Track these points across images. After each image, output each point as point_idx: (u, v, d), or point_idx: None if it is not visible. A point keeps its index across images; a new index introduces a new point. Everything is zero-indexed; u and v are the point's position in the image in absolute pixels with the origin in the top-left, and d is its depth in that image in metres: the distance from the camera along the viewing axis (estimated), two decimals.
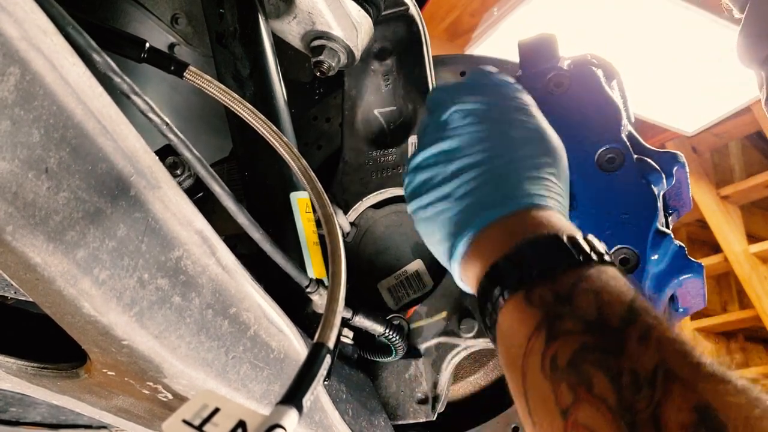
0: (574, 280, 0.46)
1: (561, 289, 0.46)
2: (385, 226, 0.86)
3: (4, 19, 0.33)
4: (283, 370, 0.58)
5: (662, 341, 0.41)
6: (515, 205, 0.54)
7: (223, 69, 0.75)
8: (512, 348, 0.48)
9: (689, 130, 2.93)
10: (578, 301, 0.45)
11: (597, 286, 0.45)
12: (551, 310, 0.45)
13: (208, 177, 0.48)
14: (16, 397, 0.73)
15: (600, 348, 0.42)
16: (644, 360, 0.40)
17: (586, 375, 0.41)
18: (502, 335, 0.50)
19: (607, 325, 0.43)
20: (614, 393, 0.40)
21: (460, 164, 0.58)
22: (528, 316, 0.46)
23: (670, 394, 0.38)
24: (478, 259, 0.54)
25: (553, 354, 0.43)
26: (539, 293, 0.47)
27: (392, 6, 0.83)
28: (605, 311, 0.44)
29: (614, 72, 0.80)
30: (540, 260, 0.48)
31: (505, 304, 0.49)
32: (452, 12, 2.70)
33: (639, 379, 0.39)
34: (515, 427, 0.78)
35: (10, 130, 0.34)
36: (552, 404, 0.42)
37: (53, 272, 0.39)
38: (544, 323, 0.45)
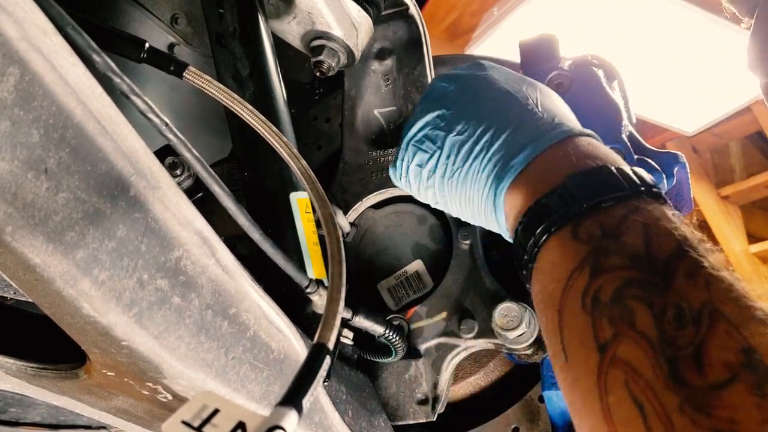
0: (624, 213, 0.44)
1: (609, 223, 0.44)
2: (385, 226, 0.86)
3: (4, 19, 0.33)
4: (282, 371, 0.57)
5: (711, 279, 0.40)
6: (553, 137, 0.52)
7: (223, 69, 0.75)
8: (551, 283, 0.46)
9: (689, 130, 2.93)
10: (626, 235, 0.43)
11: (647, 219, 0.44)
12: (598, 245, 0.44)
13: (207, 177, 0.48)
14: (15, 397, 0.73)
15: (645, 282, 0.41)
16: (691, 296, 0.39)
17: (628, 310, 0.40)
18: (542, 272, 0.48)
19: (654, 259, 0.41)
20: (656, 328, 0.38)
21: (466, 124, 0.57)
22: (573, 251, 0.45)
23: (715, 333, 0.37)
24: (521, 200, 0.52)
25: (597, 288, 0.42)
26: (587, 227, 0.45)
27: (392, 6, 0.83)
28: (654, 245, 0.42)
29: (615, 72, 0.80)
30: (588, 193, 0.46)
31: (548, 239, 0.47)
32: (452, 12, 2.70)
33: (684, 315, 0.38)
34: (515, 428, 0.78)
35: (9, 130, 0.34)
36: (590, 339, 0.41)
37: (53, 273, 0.39)
38: (589, 258, 0.44)
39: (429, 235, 0.84)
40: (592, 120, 0.73)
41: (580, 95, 0.75)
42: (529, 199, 0.51)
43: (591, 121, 0.73)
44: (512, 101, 0.57)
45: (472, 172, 0.57)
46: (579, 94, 0.76)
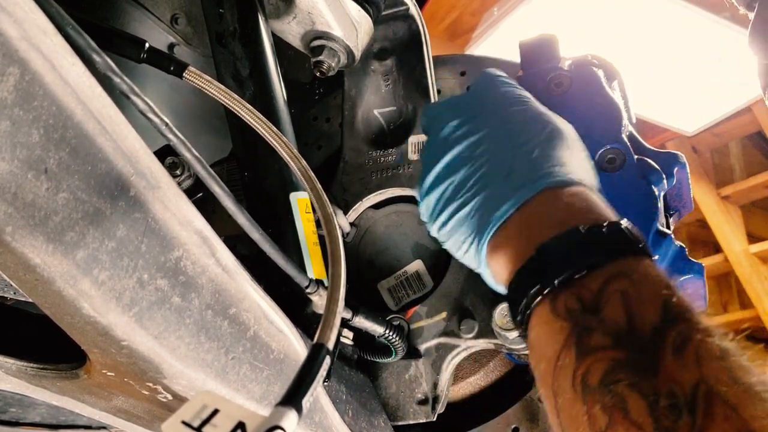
0: (600, 283, 0.43)
1: (586, 296, 0.43)
2: (385, 226, 0.86)
3: (4, 19, 0.33)
4: (282, 371, 0.57)
5: (701, 352, 0.38)
6: (526, 193, 0.51)
7: (223, 69, 0.75)
8: (542, 363, 0.45)
9: (689, 130, 2.94)
10: (606, 309, 0.42)
11: (626, 287, 0.42)
12: (579, 322, 0.42)
13: (207, 177, 0.48)
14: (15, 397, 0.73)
15: (633, 365, 0.39)
16: (682, 379, 0.37)
17: (620, 397, 0.38)
18: (532, 347, 0.47)
19: (638, 336, 0.40)
20: (651, 419, 0.37)
21: (465, 172, 0.57)
22: (555, 328, 0.44)
23: (713, 421, 0.35)
24: (503, 261, 0.52)
25: (584, 373, 0.41)
26: (564, 302, 0.44)
27: (392, 6, 0.83)
28: (636, 318, 0.41)
29: (615, 72, 0.80)
30: (559, 264, 0.45)
31: (531, 315, 0.47)
32: (452, 12, 2.70)
33: (678, 402, 0.36)
34: (515, 428, 0.78)
35: (9, 130, 0.34)
36: (585, 426, 0.40)
37: (53, 273, 0.39)
38: (572, 337, 0.42)
39: (429, 235, 0.84)
40: (592, 120, 0.73)
41: (580, 95, 0.75)
42: (508, 266, 0.50)
43: (591, 121, 0.73)
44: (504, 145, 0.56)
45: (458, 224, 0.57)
46: (579, 94, 0.75)
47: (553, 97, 0.75)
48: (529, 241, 0.48)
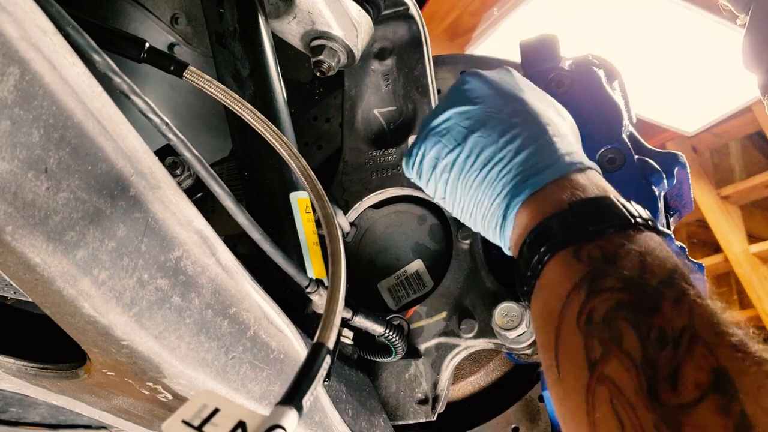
0: (623, 241, 0.47)
1: (609, 248, 0.47)
2: (385, 226, 0.86)
3: (4, 18, 0.33)
4: (282, 371, 0.57)
5: (694, 306, 0.42)
6: (567, 167, 0.55)
7: (223, 69, 0.75)
8: (551, 300, 0.49)
9: (689, 130, 2.94)
10: (623, 261, 0.46)
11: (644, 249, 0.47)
12: (596, 267, 0.46)
13: (207, 177, 0.48)
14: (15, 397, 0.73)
15: (635, 305, 0.43)
16: (674, 320, 0.41)
17: (617, 330, 0.43)
18: (543, 288, 0.50)
19: (646, 284, 0.44)
20: (640, 348, 0.41)
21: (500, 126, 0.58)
22: (574, 270, 0.48)
23: (692, 355, 0.40)
24: (529, 217, 0.54)
25: (591, 309, 0.45)
26: (588, 250, 0.48)
27: (392, 6, 0.83)
28: (647, 272, 0.45)
29: (616, 72, 0.80)
30: (592, 219, 0.49)
31: (552, 258, 0.50)
32: (452, 12, 2.70)
33: (666, 337, 0.41)
34: (515, 428, 0.78)
35: (9, 130, 0.34)
36: (581, 356, 0.44)
37: (53, 272, 0.39)
38: (587, 279, 0.46)
39: (429, 235, 0.84)
40: (593, 120, 0.73)
41: (580, 95, 0.75)
42: (536, 218, 0.53)
43: (591, 121, 0.73)
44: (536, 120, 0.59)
45: (488, 179, 0.58)
46: (579, 94, 0.75)
47: (554, 97, 0.76)
48: (564, 199, 0.52)
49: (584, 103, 0.74)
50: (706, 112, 2.79)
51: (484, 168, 0.58)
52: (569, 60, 0.79)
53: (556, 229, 0.51)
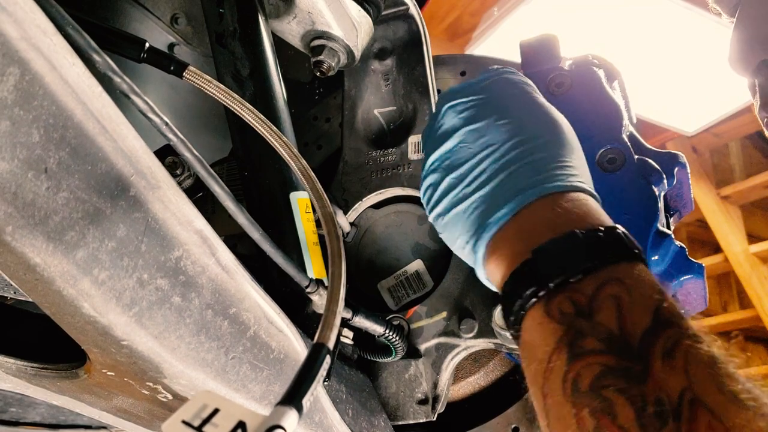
0: (595, 288, 0.44)
1: (580, 300, 0.44)
2: (385, 226, 0.86)
3: (4, 19, 0.33)
4: (283, 371, 0.57)
5: (689, 359, 0.39)
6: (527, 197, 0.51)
7: (223, 69, 0.75)
8: (533, 364, 0.46)
9: (689, 130, 2.94)
10: (599, 313, 0.42)
11: (619, 293, 0.43)
12: (572, 326, 0.43)
13: (207, 177, 0.48)
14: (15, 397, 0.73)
15: (622, 371, 0.40)
16: (670, 385, 0.38)
17: (608, 402, 0.39)
18: (524, 348, 0.48)
19: (629, 342, 0.41)
20: (638, 425, 0.38)
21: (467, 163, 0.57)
22: (548, 331, 0.44)
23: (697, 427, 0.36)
24: (499, 262, 0.52)
25: (575, 377, 0.42)
26: (558, 305, 0.44)
27: (392, 6, 0.83)
28: (627, 323, 0.41)
29: (615, 72, 0.80)
30: (555, 267, 0.46)
31: (525, 317, 0.47)
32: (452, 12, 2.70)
33: (664, 410, 0.37)
34: (515, 428, 0.78)
35: (9, 130, 0.34)
36: (573, 428, 0.41)
37: (53, 272, 0.39)
38: (564, 340, 0.43)
39: (429, 235, 0.84)
40: (593, 120, 0.73)
41: (580, 95, 0.75)
42: (503, 268, 0.51)
43: (591, 121, 0.73)
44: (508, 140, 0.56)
45: (455, 221, 0.57)
46: (579, 94, 0.75)
47: (554, 97, 0.76)
48: (526, 244, 0.49)
49: (584, 103, 0.74)
50: (706, 112, 2.79)
51: (450, 211, 0.57)
52: (569, 60, 0.79)
53: (519, 284, 0.48)
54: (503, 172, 0.54)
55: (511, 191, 0.53)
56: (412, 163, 0.84)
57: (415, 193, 0.83)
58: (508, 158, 0.54)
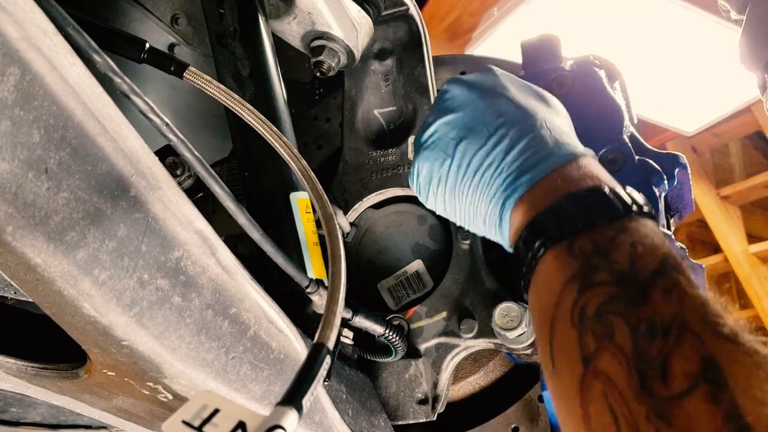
0: (614, 233, 0.47)
1: (600, 241, 0.47)
2: (385, 226, 0.86)
3: (4, 19, 0.33)
4: (283, 371, 0.57)
5: (684, 295, 0.43)
6: (557, 160, 0.55)
7: (223, 69, 0.75)
8: (545, 295, 0.49)
9: (689, 130, 2.94)
10: (615, 253, 0.46)
11: (634, 239, 0.47)
12: (588, 261, 0.47)
13: (208, 177, 0.48)
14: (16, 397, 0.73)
15: (625, 298, 0.44)
16: (663, 311, 0.42)
17: (609, 324, 0.43)
18: (538, 283, 0.51)
19: (636, 277, 0.44)
20: (631, 341, 0.41)
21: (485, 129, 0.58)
22: (566, 265, 0.48)
23: (681, 345, 0.40)
24: (523, 214, 0.55)
25: (584, 304, 0.45)
26: (580, 244, 0.48)
27: (392, 6, 0.83)
28: (637, 264, 0.45)
29: (617, 73, 0.80)
30: (583, 213, 0.49)
31: (545, 254, 0.50)
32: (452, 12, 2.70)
33: (655, 328, 0.41)
34: (515, 428, 0.78)
35: (10, 130, 0.34)
36: (576, 351, 0.44)
37: (53, 273, 0.39)
38: (579, 273, 0.47)
39: (429, 235, 0.84)
40: (594, 120, 0.73)
41: (581, 96, 0.75)
42: (529, 214, 0.54)
43: (592, 122, 0.73)
44: (523, 116, 0.59)
45: (482, 184, 0.58)
46: (580, 94, 0.75)
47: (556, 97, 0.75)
48: (555, 193, 0.52)
49: (585, 103, 0.74)
50: (706, 112, 2.79)
51: (476, 174, 0.59)
52: (570, 60, 0.79)
53: (548, 224, 0.51)
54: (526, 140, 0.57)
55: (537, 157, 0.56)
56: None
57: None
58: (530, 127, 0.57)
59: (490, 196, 0.58)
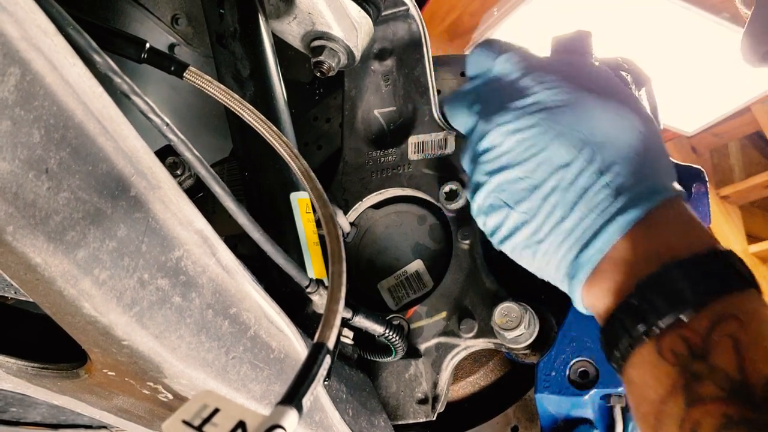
0: (708, 325, 0.41)
1: (694, 340, 0.41)
2: (385, 226, 0.86)
3: (5, 19, 0.33)
4: (283, 370, 0.58)
5: None
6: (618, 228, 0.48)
7: (224, 69, 0.75)
8: (644, 404, 0.44)
9: (689, 130, 2.94)
10: (716, 356, 0.40)
11: (735, 332, 0.40)
12: (687, 368, 0.41)
13: (208, 177, 0.48)
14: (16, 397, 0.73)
15: (746, 422, 0.38)
16: None
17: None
18: (632, 384, 0.45)
19: (751, 390, 0.38)
20: None
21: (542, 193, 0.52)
22: (661, 372, 0.42)
23: None
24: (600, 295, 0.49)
25: (694, 425, 0.39)
26: (670, 344, 0.42)
27: (392, 6, 0.83)
28: (748, 369, 0.39)
29: (645, 78, 0.77)
30: (663, 303, 0.43)
31: (633, 354, 0.45)
32: (452, 12, 2.70)
33: None
34: (515, 427, 0.78)
35: (10, 130, 0.34)
36: None
37: (53, 272, 0.39)
38: (680, 384, 0.41)
39: (429, 235, 0.84)
40: None
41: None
42: (606, 301, 0.48)
43: None
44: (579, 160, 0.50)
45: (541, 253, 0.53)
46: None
47: None
48: (628, 276, 0.46)
49: None
50: (706, 112, 2.79)
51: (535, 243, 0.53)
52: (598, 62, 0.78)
53: (626, 322, 0.45)
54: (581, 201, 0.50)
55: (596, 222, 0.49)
56: (412, 163, 0.84)
57: (415, 193, 0.83)
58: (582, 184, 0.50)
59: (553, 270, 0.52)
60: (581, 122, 0.52)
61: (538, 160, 0.52)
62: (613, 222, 0.48)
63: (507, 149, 0.54)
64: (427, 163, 0.83)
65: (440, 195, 0.79)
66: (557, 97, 0.54)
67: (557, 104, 0.53)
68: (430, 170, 0.82)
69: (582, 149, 0.51)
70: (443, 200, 0.79)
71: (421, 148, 0.83)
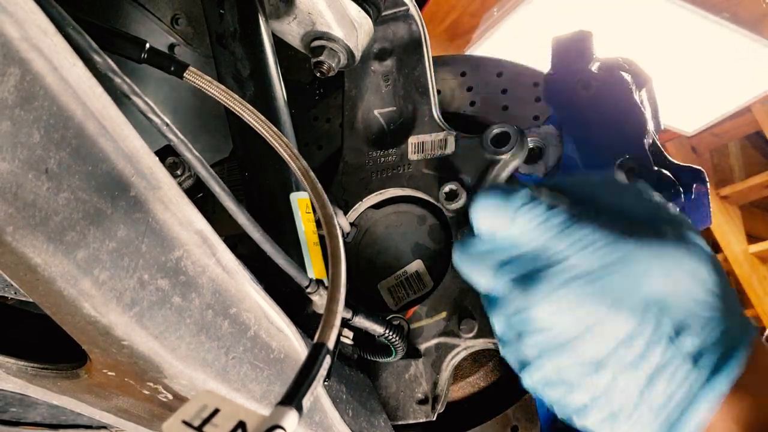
0: None
1: None
2: (385, 226, 0.86)
3: (5, 19, 0.33)
4: (283, 371, 0.58)
5: None
6: (719, 384, 0.43)
7: (224, 69, 0.75)
8: None
9: (689, 130, 2.94)
10: None
11: None
12: None
13: (208, 177, 0.48)
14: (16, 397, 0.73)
15: None
16: None
17: None
18: None
19: None
20: None
21: (594, 375, 0.47)
22: None
23: None
24: None
25: None
26: None
27: (392, 6, 0.83)
28: None
29: (646, 79, 0.77)
30: None
31: None
32: (452, 12, 2.70)
33: None
34: (514, 427, 0.78)
35: (10, 130, 0.34)
36: None
37: (53, 273, 0.39)
38: None
39: (429, 235, 0.84)
40: (615, 127, 0.72)
41: (605, 100, 0.73)
42: None
43: (613, 128, 0.72)
44: (638, 330, 0.46)
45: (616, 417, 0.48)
46: (604, 99, 0.73)
47: (580, 97, 0.74)
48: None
49: (608, 108, 0.73)
50: (706, 112, 2.79)
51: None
52: (599, 62, 0.78)
53: None
54: (659, 376, 0.45)
55: (683, 402, 0.45)
56: (412, 163, 0.84)
57: (415, 193, 0.83)
58: (655, 359, 0.45)
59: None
60: (635, 283, 0.47)
61: (595, 337, 0.47)
62: (702, 399, 0.44)
63: (558, 328, 0.49)
64: (427, 164, 0.83)
65: (440, 195, 0.79)
66: (598, 258, 0.48)
67: (601, 265, 0.48)
68: (430, 170, 0.82)
69: (644, 316, 0.46)
70: (443, 200, 0.79)
71: (421, 148, 0.83)
